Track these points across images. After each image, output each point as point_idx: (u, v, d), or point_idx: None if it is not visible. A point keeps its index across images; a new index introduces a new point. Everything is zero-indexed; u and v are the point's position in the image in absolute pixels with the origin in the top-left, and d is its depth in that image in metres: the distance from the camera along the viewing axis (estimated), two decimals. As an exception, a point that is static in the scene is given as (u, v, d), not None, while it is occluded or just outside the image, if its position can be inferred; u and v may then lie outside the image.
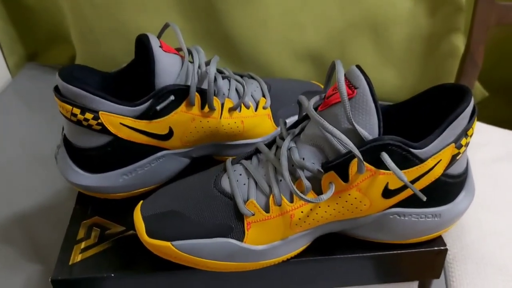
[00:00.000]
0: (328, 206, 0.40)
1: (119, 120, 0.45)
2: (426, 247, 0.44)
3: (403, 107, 0.43)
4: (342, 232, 0.44)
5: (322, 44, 0.75)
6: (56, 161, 0.49)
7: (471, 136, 0.40)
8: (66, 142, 0.47)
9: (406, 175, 0.38)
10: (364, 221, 0.42)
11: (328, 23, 0.74)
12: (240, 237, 0.40)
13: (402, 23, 0.75)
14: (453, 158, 0.40)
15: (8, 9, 0.86)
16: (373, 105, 0.37)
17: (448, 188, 0.42)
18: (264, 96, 0.53)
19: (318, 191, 0.39)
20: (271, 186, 0.40)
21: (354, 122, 0.37)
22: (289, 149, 0.40)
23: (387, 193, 0.39)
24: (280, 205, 0.40)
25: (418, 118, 0.43)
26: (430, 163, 0.39)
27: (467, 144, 0.40)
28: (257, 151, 0.44)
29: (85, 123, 0.44)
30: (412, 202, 0.41)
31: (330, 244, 0.44)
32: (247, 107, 0.51)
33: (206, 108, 0.48)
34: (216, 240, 0.40)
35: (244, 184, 0.41)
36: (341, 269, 0.45)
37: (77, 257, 0.44)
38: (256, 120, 0.52)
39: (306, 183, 0.39)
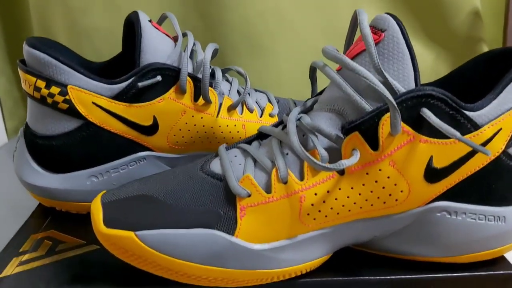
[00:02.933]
0: (352, 188, 0.29)
1: (91, 98, 0.37)
2: (487, 271, 0.32)
3: (444, 82, 0.35)
4: (371, 246, 0.33)
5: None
6: (13, 159, 0.40)
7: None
8: (27, 132, 0.39)
9: (455, 147, 0.28)
10: (400, 220, 0.31)
11: None
12: (231, 229, 0.29)
13: (424, 79, 0.69)
14: (517, 130, 0.30)
15: (14, 70, 0.84)
16: (406, 49, 0.29)
17: (512, 178, 0.31)
18: (271, 103, 0.45)
19: (338, 166, 0.29)
20: (274, 160, 0.30)
21: (384, 71, 0.29)
22: (299, 119, 0.31)
23: (432, 173, 0.29)
24: (285, 183, 0.29)
25: (464, 93, 0.34)
26: (487, 131, 0.29)
27: (532, 115, 0.31)
28: (258, 137, 0.35)
29: (49, 99, 0.36)
30: (466, 194, 0.30)
31: (356, 262, 0.33)
32: (250, 111, 0.43)
33: (201, 100, 0.40)
34: (196, 232, 0.29)
35: (240, 164, 0.31)
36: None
37: (12, 269, 0.33)
38: (261, 127, 0.43)
39: (322, 151, 0.29)
